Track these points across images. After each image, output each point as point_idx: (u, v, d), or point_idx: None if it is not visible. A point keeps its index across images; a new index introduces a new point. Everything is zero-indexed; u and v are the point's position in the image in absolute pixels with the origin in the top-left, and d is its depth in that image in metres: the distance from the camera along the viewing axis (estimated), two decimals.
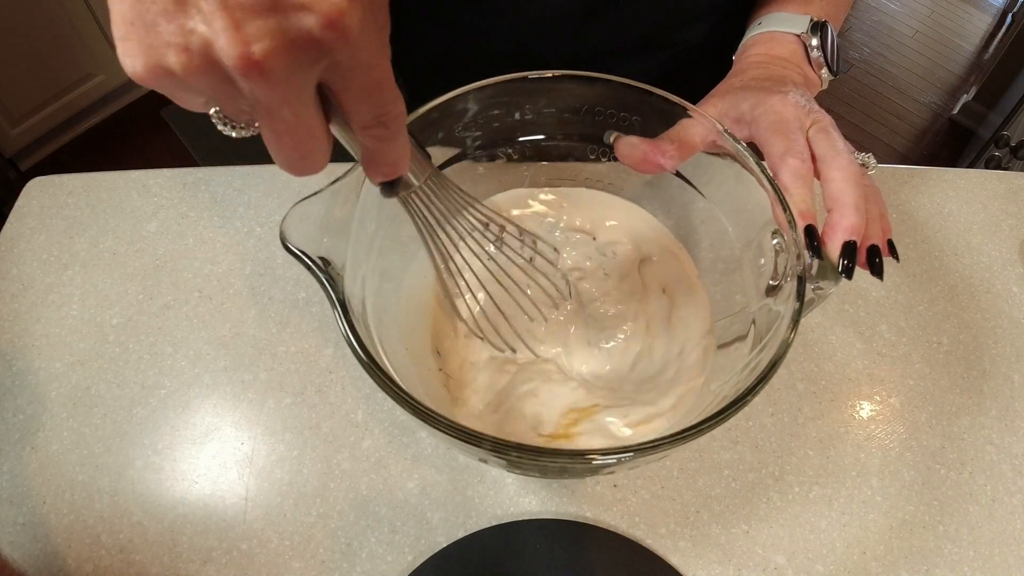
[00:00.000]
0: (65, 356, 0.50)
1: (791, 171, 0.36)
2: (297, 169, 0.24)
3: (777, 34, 0.47)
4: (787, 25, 0.47)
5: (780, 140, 0.38)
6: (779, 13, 0.48)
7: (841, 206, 0.35)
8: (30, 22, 1.59)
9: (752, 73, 0.45)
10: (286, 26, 0.19)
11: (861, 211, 0.35)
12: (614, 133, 0.41)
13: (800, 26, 0.47)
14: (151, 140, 1.91)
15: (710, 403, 0.34)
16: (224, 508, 0.44)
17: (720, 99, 0.43)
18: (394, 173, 0.28)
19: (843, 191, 0.36)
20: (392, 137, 0.25)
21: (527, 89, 0.41)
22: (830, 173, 0.36)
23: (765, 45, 0.47)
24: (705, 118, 0.39)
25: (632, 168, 0.41)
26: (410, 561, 0.42)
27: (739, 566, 0.42)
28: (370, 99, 0.23)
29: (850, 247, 0.35)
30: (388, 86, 0.23)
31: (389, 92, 0.23)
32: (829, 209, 0.36)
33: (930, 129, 2.16)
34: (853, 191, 0.36)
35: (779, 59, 0.46)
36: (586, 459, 0.29)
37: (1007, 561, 0.43)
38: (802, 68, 0.46)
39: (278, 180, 0.59)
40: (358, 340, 0.30)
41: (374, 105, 0.23)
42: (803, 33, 0.46)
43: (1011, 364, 0.51)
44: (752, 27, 0.50)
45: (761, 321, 0.36)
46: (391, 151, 0.26)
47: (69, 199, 0.58)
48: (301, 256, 0.32)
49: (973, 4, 2.62)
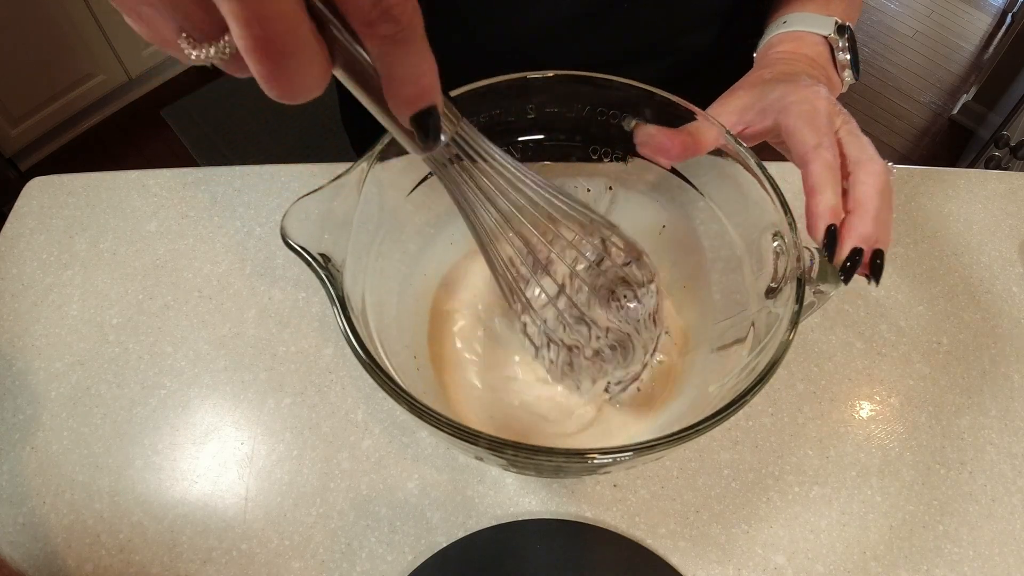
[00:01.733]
0: (65, 356, 0.50)
1: (825, 164, 0.35)
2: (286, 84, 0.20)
3: (804, 33, 0.47)
4: (814, 25, 0.47)
5: (811, 131, 0.37)
6: (803, 13, 0.48)
7: (864, 213, 0.35)
8: (30, 22, 1.59)
9: (780, 68, 0.44)
10: None
11: (879, 222, 0.35)
12: (633, 120, 0.41)
13: (826, 27, 0.46)
14: (151, 140, 1.91)
15: (708, 403, 0.34)
16: (224, 508, 0.44)
17: (747, 91, 0.42)
18: (423, 97, 0.22)
19: (870, 198, 0.35)
20: (406, 38, 0.20)
21: (528, 89, 0.41)
22: (861, 176, 0.36)
23: (792, 43, 0.47)
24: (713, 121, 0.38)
25: (648, 156, 0.40)
26: (410, 561, 0.42)
27: (739, 566, 0.42)
28: None
29: (857, 253, 0.34)
30: None
31: None
32: (849, 211, 0.35)
33: (930, 129, 2.15)
34: (879, 201, 0.35)
35: (806, 58, 0.46)
36: (583, 458, 0.29)
37: (1007, 561, 0.43)
38: (826, 70, 0.46)
39: (278, 180, 0.59)
40: (357, 338, 0.30)
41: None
42: (830, 35, 0.46)
43: (1011, 364, 0.51)
44: (775, 25, 0.49)
45: (760, 323, 0.36)
46: (409, 61, 0.21)
47: (69, 199, 0.58)
48: (301, 252, 0.32)
49: (973, 4, 2.62)
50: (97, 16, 1.71)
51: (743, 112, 0.41)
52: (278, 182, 0.59)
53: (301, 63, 0.19)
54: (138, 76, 1.92)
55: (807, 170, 0.36)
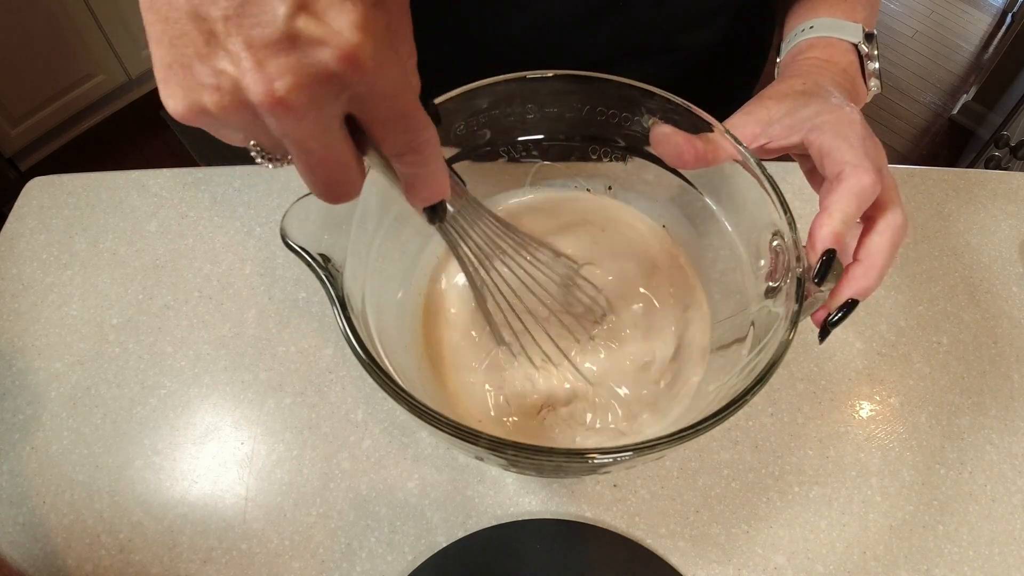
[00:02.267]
0: (65, 356, 0.50)
1: (860, 185, 0.34)
2: (331, 198, 0.25)
3: (835, 40, 0.45)
4: (843, 32, 0.45)
5: (848, 151, 0.35)
6: (832, 19, 0.46)
7: (871, 267, 0.34)
8: (30, 22, 1.59)
9: (814, 78, 0.42)
10: (305, 62, 0.20)
11: (882, 277, 0.34)
12: (652, 118, 0.40)
13: (856, 35, 0.45)
14: (151, 140, 1.91)
15: (708, 403, 0.34)
16: (224, 508, 0.44)
17: (777, 102, 0.40)
18: (435, 197, 0.28)
19: (883, 252, 0.34)
20: (425, 162, 0.25)
21: (527, 88, 0.41)
22: (881, 226, 0.35)
23: (825, 50, 0.45)
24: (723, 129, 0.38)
25: (663, 157, 0.40)
26: (410, 561, 0.42)
27: (739, 566, 0.42)
28: (397, 127, 0.23)
29: (851, 304, 0.34)
30: (414, 115, 0.24)
31: (415, 120, 0.24)
32: (857, 259, 0.35)
33: (930, 129, 2.16)
34: (889, 257, 0.34)
35: (838, 67, 0.44)
36: (584, 458, 0.29)
37: (1007, 561, 0.43)
38: (855, 80, 0.44)
39: (278, 180, 0.59)
40: (357, 338, 0.30)
41: (402, 132, 0.24)
42: (860, 42, 0.45)
43: (1011, 364, 0.51)
44: (800, 30, 0.47)
45: (760, 323, 0.36)
46: (427, 176, 0.26)
47: (69, 199, 0.58)
48: (301, 253, 0.32)
49: (973, 4, 2.62)
50: (97, 16, 1.71)
51: (769, 124, 0.39)
52: (278, 182, 0.59)
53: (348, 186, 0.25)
54: (138, 76, 1.92)
55: (841, 185, 0.34)
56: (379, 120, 0.23)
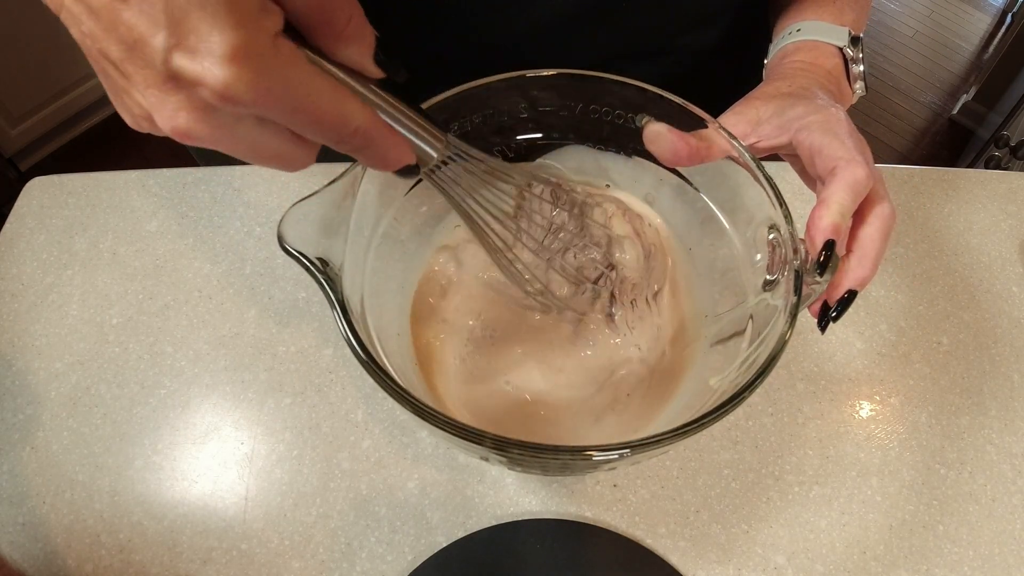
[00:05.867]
0: (65, 356, 0.50)
1: (854, 178, 0.34)
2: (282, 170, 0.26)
3: (820, 43, 0.46)
4: (829, 35, 0.46)
5: (840, 147, 0.36)
6: (818, 22, 0.47)
7: (865, 257, 0.35)
8: (30, 22, 1.59)
9: (800, 81, 0.43)
10: (194, 98, 0.21)
11: (877, 266, 0.35)
12: (646, 117, 0.41)
13: (841, 38, 0.46)
14: (151, 140, 1.90)
15: (709, 399, 0.34)
16: (224, 508, 0.44)
17: (764, 103, 0.41)
18: (391, 167, 0.28)
19: (875, 241, 0.35)
20: (367, 145, 0.26)
21: (525, 87, 0.41)
22: (870, 217, 0.36)
23: (810, 53, 0.46)
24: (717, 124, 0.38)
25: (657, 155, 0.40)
26: (410, 561, 0.42)
27: (739, 566, 0.42)
28: (318, 129, 0.24)
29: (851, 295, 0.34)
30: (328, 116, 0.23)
31: (333, 119, 0.24)
32: (850, 250, 0.35)
33: (930, 129, 2.16)
34: (881, 246, 0.35)
35: (823, 69, 0.45)
36: (586, 456, 0.29)
37: (1007, 561, 0.43)
38: (840, 83, 0.45)
39: (278, 180, 0.60)
40: (358, 340, 0.30)
41: (326, 131, 0.24)
42: (846, 46, 0.45)
43: (1011, 364, 0.51)
44: (788, 33, 0.48)
45: (759, 316, 0.36)
46: (377, 153, 0.27)
47: (69, 199, 0.58)
48: (299, 257, 0.32)
49: (973, 4, 2.62)
50: None
51: (758, 125, 0.40)
52: (278, 182, 0.59)
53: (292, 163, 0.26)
54: None
55: (836, 179, 0.35)
56: (299, 126, 0.23)
